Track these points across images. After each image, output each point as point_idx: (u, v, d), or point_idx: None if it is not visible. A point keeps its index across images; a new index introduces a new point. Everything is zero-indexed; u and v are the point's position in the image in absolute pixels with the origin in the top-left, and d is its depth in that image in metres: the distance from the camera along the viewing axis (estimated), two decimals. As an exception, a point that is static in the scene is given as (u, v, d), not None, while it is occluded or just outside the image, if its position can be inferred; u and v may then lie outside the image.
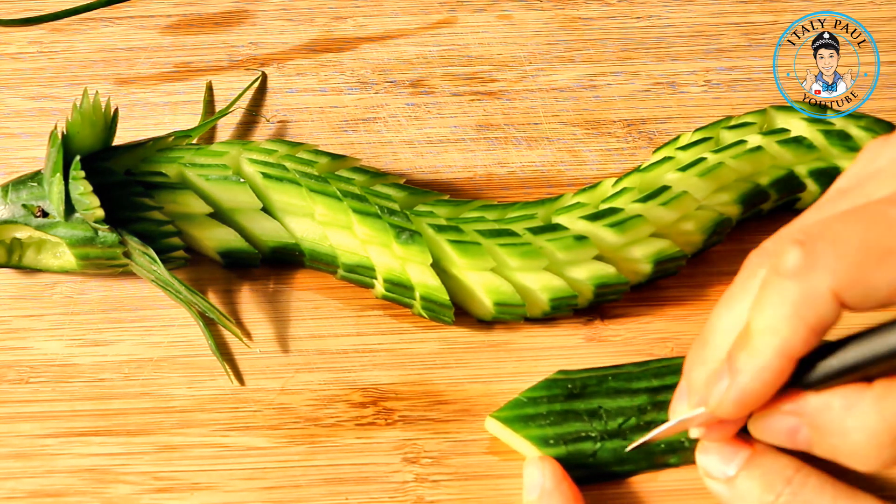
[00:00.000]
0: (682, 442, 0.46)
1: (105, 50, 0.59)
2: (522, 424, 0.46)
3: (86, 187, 0.47)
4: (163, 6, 0.60)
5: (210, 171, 0.50)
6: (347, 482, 0.47)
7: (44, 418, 0.48)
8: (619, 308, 0.51)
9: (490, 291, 0.48)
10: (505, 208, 0.51)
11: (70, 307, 0.51)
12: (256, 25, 0.60)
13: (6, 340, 0.50)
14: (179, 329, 0.51)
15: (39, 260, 0.51)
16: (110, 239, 0.49)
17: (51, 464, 0.47)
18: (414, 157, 0.55)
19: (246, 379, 0.49)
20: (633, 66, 0.58)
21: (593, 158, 0.55)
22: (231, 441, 0.48)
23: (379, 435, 0.48)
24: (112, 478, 0.47)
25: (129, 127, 0.56)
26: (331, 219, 0.50)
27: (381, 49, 0.59)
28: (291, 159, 0.51)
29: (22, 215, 0.49)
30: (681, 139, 0.52)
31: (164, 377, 0.49)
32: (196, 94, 0.57)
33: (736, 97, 0.57)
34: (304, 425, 0.48)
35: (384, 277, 0.49)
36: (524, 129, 0.56)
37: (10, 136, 0.56)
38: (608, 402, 0.47)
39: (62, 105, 0.57)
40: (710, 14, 0.60)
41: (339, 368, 0.49)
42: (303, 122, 0.57)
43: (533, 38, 0.59)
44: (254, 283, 0.52)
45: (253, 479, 0.47)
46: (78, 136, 0.49)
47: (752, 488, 0.42)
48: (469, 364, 0.49)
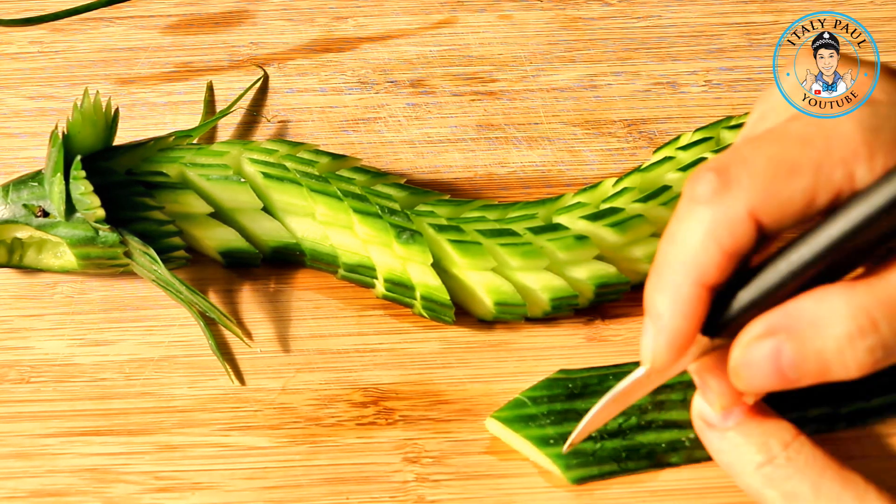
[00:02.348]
0: (683, 441, 0.46)
1: (105, 50, 0.59)
2: (522, 424, 0.46)
3: (87, 187, 0.47)
4: (163, 6, 0.60)
5: (211, 170, 0.50)
6: (348, 482, 0.47)
7: (45, 418, 0.48)
8: (619, 308, 0.51)
9: (491, 291, 0.48)
10: (505, 208, 0.51)
11: (71, 307, 0.51)
12: (257, 25, 0.60)
13: (7, 340, 0.50)
14: (180, 329, 0.51)
15: (40, 260, 0.51)
16: (111, 239, 0.49)
17: (52, 463, 0.47)
18: (414, 157, 0.55)
19: (246, 379, 0.49)
20: (633, 66, 0.58)
21: (594, 158, 0.55)
22: (232, 441, 0.48)
23: (380, 434, 0.48)
24: (113, 477, 0.47)
25: (130, 127, 0.56)
26: (331, 218, 0.50)
27: (381, 49, 0.59)
28: (292, 159, 0.51)
29: (23, 215, 0.49)
30: (681, 139, 0.52)
31: (164, 377, 0.49)
32: (196, 94, 0.57)
33: (736, 97, 0.57)
34: (304, 425, 0.48)
35: (385, 277, 0.49)
36: (524, 129, 0.56)
37: (10, 136, 0.56)
38: None
39: (62, 105, 0.57)
40: (710, 14, 0.60)
41: (339, 368, 0.49)
42: (303, 122, 0.57)
43: (533, 38, 0.59)
44: (254, 283, 0.52)
45: (254, 478, 0.47)
46: (78, 136, 0.49)
47: (747, 445, 0.41)
48: (470, 364, 0.49)
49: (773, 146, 0.37)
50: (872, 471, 0.44)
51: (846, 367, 0.37)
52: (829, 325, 0.36)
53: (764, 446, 0.41)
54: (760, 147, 0.37)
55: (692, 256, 0.37)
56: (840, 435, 0.47)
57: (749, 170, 0.37)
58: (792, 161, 0.37)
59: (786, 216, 0.37)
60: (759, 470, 0.41)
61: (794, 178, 0.36)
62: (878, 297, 0.36)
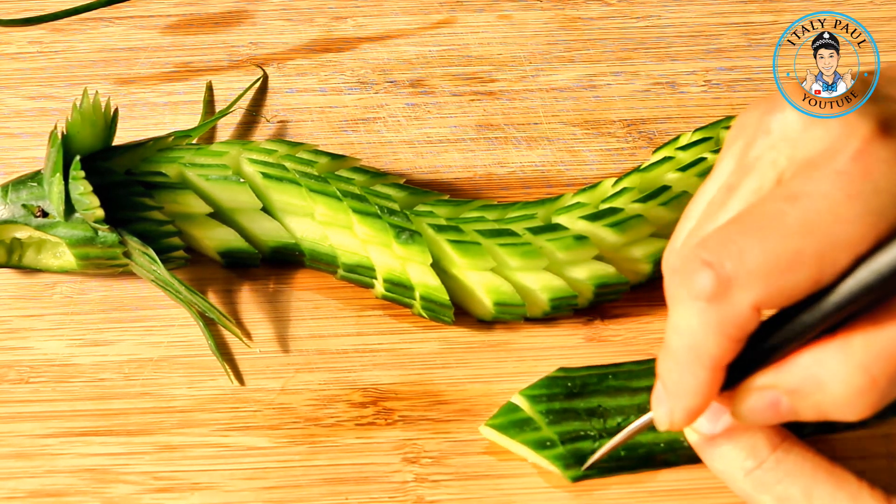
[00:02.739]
0: (682, 441, 0.46)
1: (105, 50, 0.59)
2: (517, 430, 0.46)
3: (86, 187, 0.47)
4: (163, 6, 0.60)
5: (210, 171, 0.50)
6: (347, 482, 0.47)
7: (44, 418, 0.48)
8: (619, 308, 0.51)
9: (490, 291, 0.48)
10: (505, 208, 0.51)
11: (70, 307, 0.51)
12: (256, 25, 0.60)
13: (6, 340, 0.50)
14: (179, 329, 0.51)
15: (39, 260, 0.51)
16: (110, 239, 0.49)
17: (51, 464, 0.47)
18: (414, 157, 0.55)
19: (246, 379, 0.49)
20: (632, 66, 0.58)
21: (593, 158, 0.55)
22: (231, 441, 0.48)
23: (379, 435, 0.48)
24: (112, 478, 0.47)
25: (129, 127, 0.56)
26: (331, 219, 0.50)
27: (380, 49, 0.59)
28: (291, 159, 0.51)
29: (22, 215, 0.49)
30: (681, 139, 0.52)
31: (164, 377, 0.49)
32: (196, 94, 0.57)
33: (736, 97, 0.57)
34: (304, 425, 0.48)
35: (384, 277, 0.49)
36: (524, 129, 0.56)
37: (10, 136, 0.56)
38: (608, 401, 0.47)
39: (62, 105, 0.57)
40: (710, 14, 0.60)
41: (339, 368, 0.49)
42: (303, 122, 0.57)
43: (533, 38, 0.59)
44: (254, 283, 0.52)
45: (253, 478, 0.47)
46: (78, 136, 0.49)
47: (736, 451, 0.42)
48: (469, 364, 0.49)
49: (771, 238, 0.36)
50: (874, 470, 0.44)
51: (845, 417, 0.37)
52: (828, 385, 0.37)
53: (752, 451, 0.41)
54: (756, 238, 0.36)
55: (705, 349, 0.37)
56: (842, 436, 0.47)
57: (747, 268, 0.36)
58: (793, 254, 0.35)
59: (791, 300, 0.36)
60: (750, 475, 0.41)
61: (796, 271, 0.35)
62: (875, 351, 0.36)
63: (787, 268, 0.35)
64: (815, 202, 0.35)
